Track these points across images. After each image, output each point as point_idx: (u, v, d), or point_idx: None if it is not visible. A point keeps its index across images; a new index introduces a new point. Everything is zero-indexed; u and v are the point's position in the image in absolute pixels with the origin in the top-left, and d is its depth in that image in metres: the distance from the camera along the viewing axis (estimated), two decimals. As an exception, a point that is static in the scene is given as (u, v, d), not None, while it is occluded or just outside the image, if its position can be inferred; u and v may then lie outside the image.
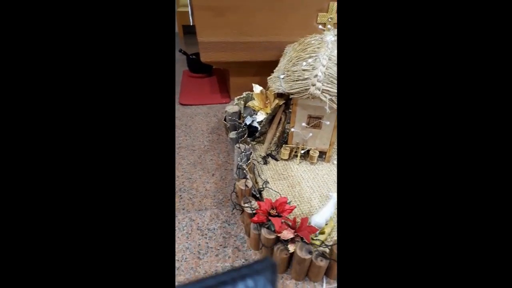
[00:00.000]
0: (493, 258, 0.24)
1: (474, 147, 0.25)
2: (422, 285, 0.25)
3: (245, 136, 0.90)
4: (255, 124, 0.97)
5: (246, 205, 0.63)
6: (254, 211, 0.61)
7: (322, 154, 0.89)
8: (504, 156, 0.24)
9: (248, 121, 0.98)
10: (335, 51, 0.72)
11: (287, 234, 0.56)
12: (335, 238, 0.64)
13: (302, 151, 0.87)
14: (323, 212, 0.65)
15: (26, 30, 0.24)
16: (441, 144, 0.25)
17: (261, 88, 0.83)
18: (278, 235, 0.56)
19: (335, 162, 0.90)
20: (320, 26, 1.04)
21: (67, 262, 0.24)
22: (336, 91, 0.69)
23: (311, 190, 0.79)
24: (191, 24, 1.07)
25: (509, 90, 0.24)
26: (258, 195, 0.75)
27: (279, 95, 0.81)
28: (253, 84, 0.84)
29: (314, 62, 0.70)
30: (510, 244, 0.23)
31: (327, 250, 0.59)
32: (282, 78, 0.75)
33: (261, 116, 0.82)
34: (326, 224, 0.65)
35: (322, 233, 0.63)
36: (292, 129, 0.84)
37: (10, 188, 0.23)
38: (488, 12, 0.24)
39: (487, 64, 0.25)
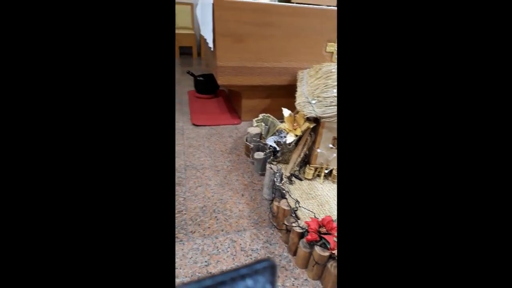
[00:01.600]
0: (493, 258, 0.24)
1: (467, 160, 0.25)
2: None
3: (272, 157, 0.94)
4: (274, 145, 1.02)
5: (294, 224, 0.66)
6: (305, 230, 0.64)
7: (342, 173, 0.95)
8: (503, 157, 0.24)
9: (269, 142, 1.02)
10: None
11: (340, 251, 0.59)
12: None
13: (326, 171, 0.92)
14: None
15: (26, 34, 0.23)
16: (437, 159, 0.26)
17: (289, 112, 0.89)
18: (333, 251, 0.59)
19: (355, 180, 0.96)
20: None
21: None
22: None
23: (339, 208, 0.84)
24: (212, 49, 1.11)
25: (509, 90, 0.24)
26: (293, 215, 0.78)
27: (308, 119, 0.86)
28: (283, 108, 0.89)
29: (345, 89, 0.78)
30: (510, 244, 0.23)
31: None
32: (314, 104, 0.81)
33: (290, 138, 0.87)
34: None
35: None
36: (318, 150, 0.90)
37: (7, 190, 0.22)
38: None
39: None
